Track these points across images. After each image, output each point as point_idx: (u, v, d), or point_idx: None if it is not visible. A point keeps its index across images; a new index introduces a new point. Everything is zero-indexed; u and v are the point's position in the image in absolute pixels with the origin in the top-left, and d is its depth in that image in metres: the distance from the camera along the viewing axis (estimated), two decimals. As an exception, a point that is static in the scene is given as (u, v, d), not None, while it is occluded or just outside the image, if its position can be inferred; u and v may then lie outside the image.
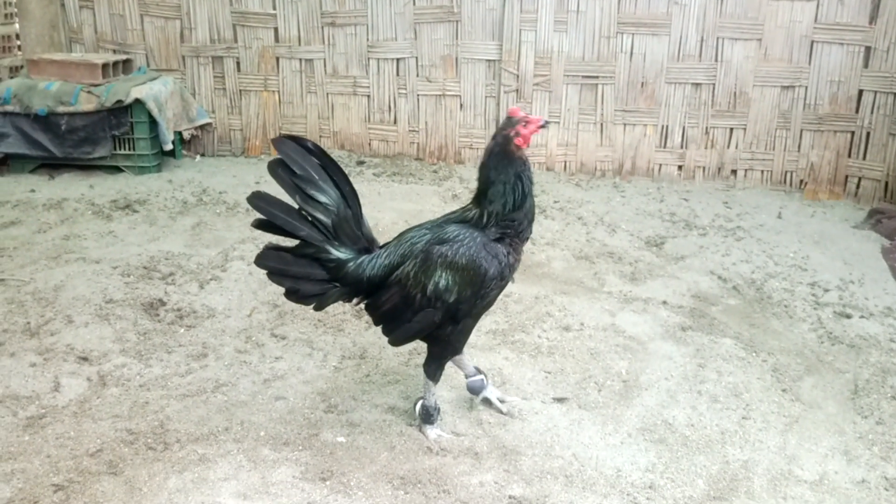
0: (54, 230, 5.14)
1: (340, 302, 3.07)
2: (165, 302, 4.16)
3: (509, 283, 3.08)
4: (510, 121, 2.95)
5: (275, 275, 2.96)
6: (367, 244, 3.04)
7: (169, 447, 2.99)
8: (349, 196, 2.98)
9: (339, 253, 2.96)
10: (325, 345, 3.81)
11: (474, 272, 2.86)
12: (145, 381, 3.46)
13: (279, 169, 2.90)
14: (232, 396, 3.36)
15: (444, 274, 2.87)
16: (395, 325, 3.01)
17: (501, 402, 3.32)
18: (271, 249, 2.97)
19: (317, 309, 3.06)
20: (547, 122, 3.04)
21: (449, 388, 3.42)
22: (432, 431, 3.10)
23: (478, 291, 2.90)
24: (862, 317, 4.29)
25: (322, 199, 2.92)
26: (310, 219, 2.92)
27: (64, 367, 3.53)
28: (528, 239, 3.02)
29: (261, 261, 2.95)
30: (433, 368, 3.09)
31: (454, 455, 3.00)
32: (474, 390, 3.34)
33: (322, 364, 3.65)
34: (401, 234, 3.09)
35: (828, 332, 4.12)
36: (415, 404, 3.20)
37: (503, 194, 2.89)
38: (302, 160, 2.90)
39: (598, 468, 2.98)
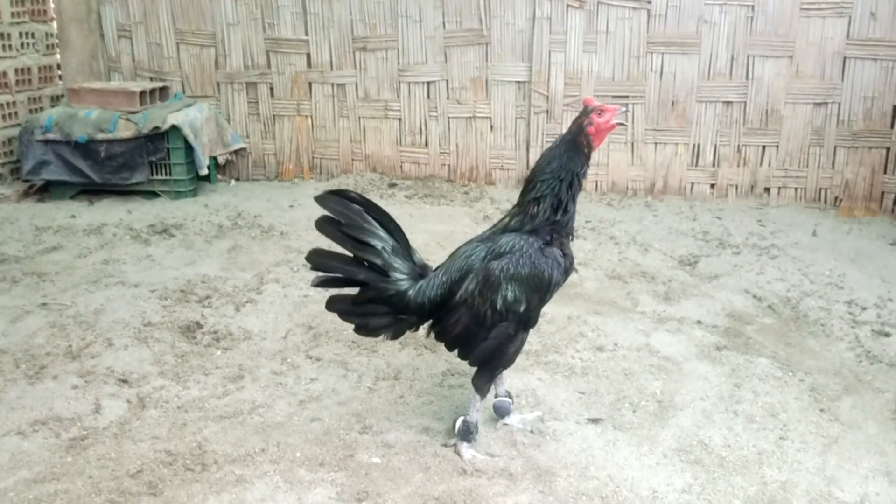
0: (94, 255, 5.25)
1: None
2: (202, 325, 4.23)
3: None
4: (585, 109, 2.94)
5: (344, 314, 3.12)
6: (421, 271, 3.13)
7: (207, 468, 3.03)
8: (395, 232, 3.07)
9: (397, 286, 3.03)
10: (359, 366, 3.84)
11: (539, 279, 2.93)
12: (183, 402, 3.51)
13: (327, 225, 3.02)
14: (268, 418, 3.40)
15: (509, 287, 2.92)
16: (472, 346, 3.06)
17: (524, 424, 3.34)
18: (339, 295, 3.10)
19: (392, 339, 3.20)
20: (625, 110, 3.01)
21: (482, 407, 3.43)
22: (467, 452, 3.11)
23: (544, 296, 3.00)
24: (901, 335, 4.23)
25: (371, 241, 3.00)
26: (366, 263, 3.02)
27: (104, 389, 3.60)
28: (573, 238, 3.08)
29: (331, 305, 3.11)
30: (483, 381, 3.11)
31: (489, 476, 3.01)
32: (500, 412, 3.35)
33: (357, 385, 3.68)
34: (453, 252, 3.15)
35: (866, 350, 4.07)
36: (454, 421, 3.21)
37: (549, 188, 2.92)
38: (345, 210, 3.00)
39: (634, 489, 2.96)
